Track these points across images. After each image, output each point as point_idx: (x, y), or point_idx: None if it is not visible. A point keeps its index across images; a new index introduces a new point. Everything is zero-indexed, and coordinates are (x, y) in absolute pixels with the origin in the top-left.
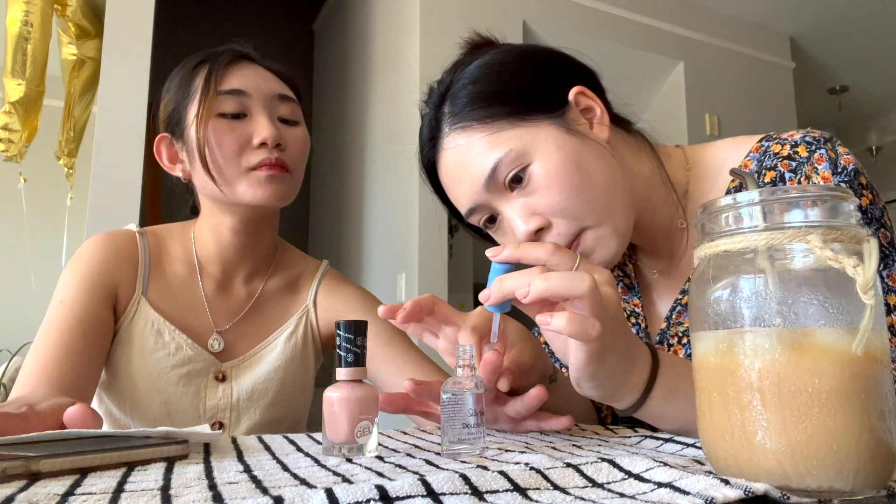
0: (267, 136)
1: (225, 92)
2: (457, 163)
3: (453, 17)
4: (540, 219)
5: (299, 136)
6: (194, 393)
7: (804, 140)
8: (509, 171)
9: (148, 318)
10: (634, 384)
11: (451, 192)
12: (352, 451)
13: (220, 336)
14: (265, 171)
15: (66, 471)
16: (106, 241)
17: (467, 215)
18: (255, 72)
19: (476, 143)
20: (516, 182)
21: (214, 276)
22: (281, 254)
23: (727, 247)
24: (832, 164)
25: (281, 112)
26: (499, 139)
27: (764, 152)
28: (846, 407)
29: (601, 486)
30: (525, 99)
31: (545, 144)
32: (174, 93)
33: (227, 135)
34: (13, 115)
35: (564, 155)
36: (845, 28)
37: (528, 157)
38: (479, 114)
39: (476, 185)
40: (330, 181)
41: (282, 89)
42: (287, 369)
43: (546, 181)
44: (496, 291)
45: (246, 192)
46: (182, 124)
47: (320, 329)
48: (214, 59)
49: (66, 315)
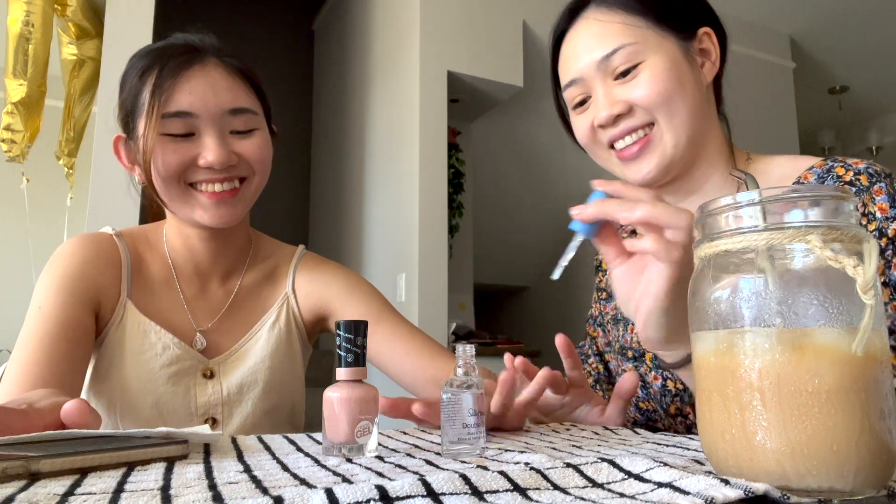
0: (213, 160)
1: (170, 115)
2: (587, 33)
3: (453, 17)
4: (624, 105)
5: (254, 144)
6: (184, 392)
7: (867, 171)
8: (624, 63)
9: (135, 321)
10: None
11: (566, 62)
12: (352, 451)
13: (202, 335)
14: (212, 199)
15: (66, 471)
16: (84, 244)
17: (567, 86)
18: (206, 81)
19: (612, 24)
20: (623, 75)
21: (190, 278)
22: (255, 246)
23: (727, 247)
24: (890, 198)
25: (233, 125)
26: (630, 31)
27: (827, 171)
28: (846, 407)
29: (601, 486)
30: (667, 11)
31: (663, 53)
32: (126, 97)
33: (172, 156)
34: (15, 116)
35: (673, 67)
36: (845, 28)
37: (643, 55)
38: (627, 3)
39: (591, 60)
40: (330, 181)
41: (234, 101)
42: (274, 358)
43: (646, 77)
44: (594, 208)
45: (193, 212)
46: (134, 134)
47: (303, 315)
48: (161, 68)
49: (45, 321)
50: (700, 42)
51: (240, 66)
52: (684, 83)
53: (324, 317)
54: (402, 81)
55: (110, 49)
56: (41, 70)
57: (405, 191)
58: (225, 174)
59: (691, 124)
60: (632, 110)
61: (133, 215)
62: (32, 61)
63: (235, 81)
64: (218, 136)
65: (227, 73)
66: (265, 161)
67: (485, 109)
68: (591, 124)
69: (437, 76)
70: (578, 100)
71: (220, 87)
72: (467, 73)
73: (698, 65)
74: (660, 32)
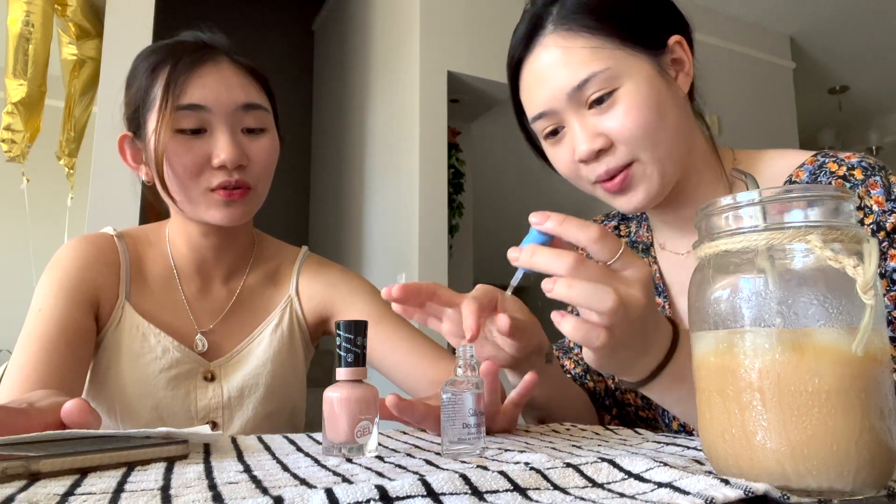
0: (226, 158)
1: (183, 107)
2: (550, 62)
3: (453, 17)
4: (604, 139)
5: (264, 147)
6: (184, 395)
7: (860, 164)
8: (598, 91)
9: (133, 323)
10: (643, 368)
11: (530, 92)
12: (352, 451)
13: (204, 337)
14: (223, 196)
15: (66, 471)
16: (84, 246)
17: (535, 118)
18: (219, 76)
19: (576, 50)
20: (598, 102)
21: (192, 278)
22: (258, 247)
23: (727, 247)
24: (886, 191)
25: (245, 122)
26: (599, 56)
27: (819, 167)
28: (846, 407)
29: (601, 486)
30: (634, 27)
31: (639, 75)
32: (135, 93)
33: (186, 154)
34: (15, 116)
35: (651, 90)
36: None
37: (619, 81)
38: (588, 23)
39: (561, 91)
40: (330, 181)
41: (247, 97)
42: (276, 361)
43: (626, 106)
44: (525, 260)
45: (205, 212)
46: (143, 131)
47: (306, 317)
48: (174, 63)
49: (45, 323)
50: (672, 53)
51: (251, 64)
52: (664, 107)
53: (326, 319)
54: (402, 81)
55: (110, 49)
56: (41, 70)
57: (405, 191)
58: (237, 175)
59: (676, 149)
60: (613, 145)
61: (133, 215)
62: (32, 61)
63: (247, 79)
64: (230, 132)
65: (238, 70)
66: (270, 166)
67: (485, 109)
68: (571, 158)
69: (437, 76)
70: (550, 130)
71: (232, 84)
72: (467, 73)
73: (673, 78)
74: (630, 52)
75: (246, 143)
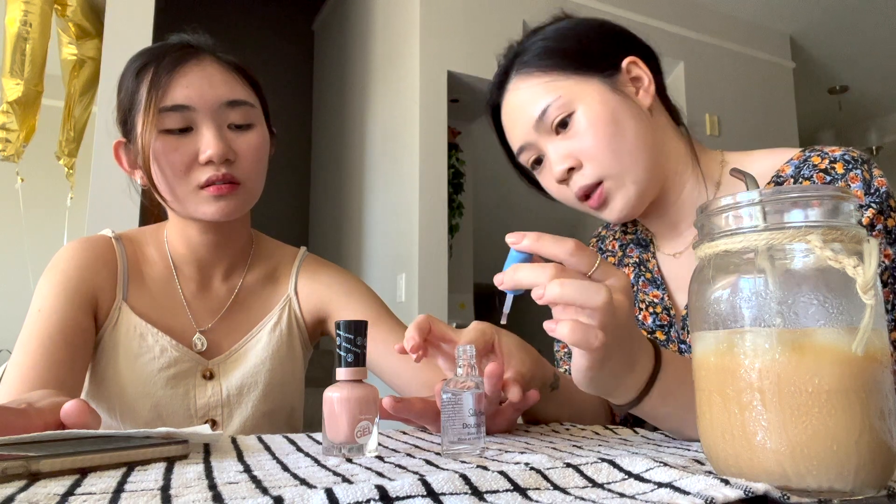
0: (213, 153)
1: (168, 108)
2: (516, 102)
3: (453, 17)
4: (573, 160)
5: (251, 142)
6: (183, 394)
7: (843, 158)
8: (557, 116)
9: (131, 323)
10: (632, 386)
11: (508, 131)
12: (352, 451)
13: (202, 335)
14: (213, 192)
15: (66, 471)
16: (83, 248)
17: (518, 152)
18: (202, 74)
19: (534, 87)
20: (562, 126)
21: (191, 276)
22: (257, 246)
23: (727, 247)
24: (865, 185)
25: (231, 119)
26: (552, 87)
27: (804, 161)
28: (846, 407)
29: (601, 486)
30: (582, 57)
31: (590, 96)
32: (123, 98)
33: (173, 153)
34: (11, 115)
35: (605, 107)
36: (845, 28)
37: (573, 105)
38: (542, 64)
39: (528, 125)
40: (330, 181)
41: (231, 94)
42: (275, 360)
43: (584, 126)
44: (509, 280)
45: (196, 209)
46: (132, 135)
47: (304, 317)
48: (157, 65)
49: (45, 324)
50: (628, 72)
51: (235, 61)
52: (620, 120)
53: (324, 319)
54: (402, 81)
55: (110, 49)
56: (38, 70)
57: (405, 191)
58: (224, 169)
59: (643, 156)
60: (581, 164)
61: (133, 216)
62: (30, 61)
63: (231, 76)
64: (215, 128)
65: (222, 68)
66: (259, 161)
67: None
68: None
69: (437, 76)
70: (533, 160)
71: (216, 81)
72: (467, 73)
73: (632, 94)
74: (581, 78)
75: (232, 139)
